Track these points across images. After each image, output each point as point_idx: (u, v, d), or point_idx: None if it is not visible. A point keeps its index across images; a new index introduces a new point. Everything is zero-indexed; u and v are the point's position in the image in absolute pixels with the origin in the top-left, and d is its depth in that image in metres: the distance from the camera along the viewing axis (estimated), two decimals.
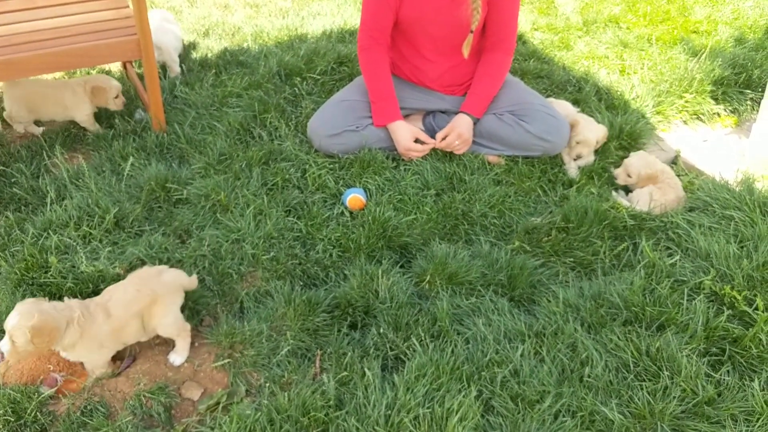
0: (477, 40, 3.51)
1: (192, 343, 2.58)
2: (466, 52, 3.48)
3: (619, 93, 4.13)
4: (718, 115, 4.08)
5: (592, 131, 3.49)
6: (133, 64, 4.20)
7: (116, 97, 3.71)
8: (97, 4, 3.72)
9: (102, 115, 3.79)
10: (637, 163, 3.36)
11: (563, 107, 3.71)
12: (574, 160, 3.50)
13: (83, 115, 3.66)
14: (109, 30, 3.51)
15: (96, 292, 2.69)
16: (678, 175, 3.44)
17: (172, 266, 2.80)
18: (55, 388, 2.39)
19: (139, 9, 3.27)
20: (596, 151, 3.56)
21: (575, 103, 3.92)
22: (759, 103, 3.79)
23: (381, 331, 2.57)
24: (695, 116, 4.06)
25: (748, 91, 4.16)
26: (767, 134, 3.72)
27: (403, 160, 3.49)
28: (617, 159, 3.55)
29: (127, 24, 3.54)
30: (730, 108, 4.12)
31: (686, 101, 4.04)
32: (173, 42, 4.22)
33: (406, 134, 3.46)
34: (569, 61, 4.58)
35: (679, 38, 4.83)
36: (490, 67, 3.53)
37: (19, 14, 3.59)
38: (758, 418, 2.21)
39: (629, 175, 3.37)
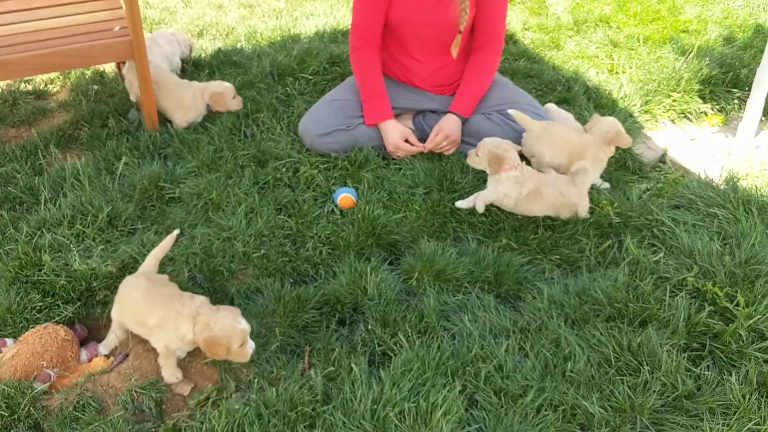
0: (465, 40, 3.56)
1: None
2: (454, 52, 3.53)
3: (607, 92, 4.17)
4: (706, 114, 4.13)
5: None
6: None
7: (233, 98, 3.79)
8: (91, 5, 3.76)
9: (96, 115, 3.84)
10: (487, 142, 3.21)
11: (559, 116, 3.71)
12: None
13: (189, 118, 3.77)
14: (102, 31, 3.56)
15: (89, 290, 2.75)
16: (666, 174, 3.50)
17: (163, 264, 2.86)
18: (49, 384, 2.44)
19: (131, 10, 3.31)
20: None
21: (564, 102, 3.96)
22: (746, 102, 3.84)
23: (369, 327, 2.61)
24: (683, 115, 4.11)
25: (735, 90, 4.20)
26: (753, 133, 3.77)
27: (393, 159, 3.54)
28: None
29: (120, 25, 3.58)
30: (717, 107, 4.16)
31: (674, 100, 4.08)
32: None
33: (396, 133, 3.51)
34: (559, 60, 4.62)
35: (668, 37, 4.88)
36: (478, 67, 3.58)
37: (13, 15, 3.63)
38: (735, 412, 2.26)
39: (477, 154, 3.26)
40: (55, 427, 2.28)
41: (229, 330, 2.33)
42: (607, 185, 3.40)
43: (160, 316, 2.40)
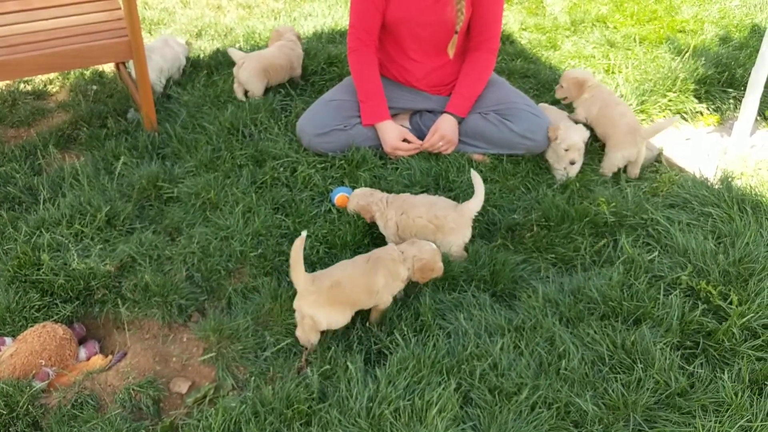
0: (462, 40, 3.58)
1: (180, 338, 2.66)
2: (451, 52, 3.55)
3: None
4: (701, 113, 4.14)
5: (578, 133, 3.44)
6: (126, 64, 4.26)
7: None
8: (90, 6, 3.78)
9: (95, 115, 3.86)
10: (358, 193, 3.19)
11: (554, 114, 3.74)
12: (571, 164, 3.43)
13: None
14: (101, 32, 3.58)
15: (87, 289, 2.77)
16: (662, 173, 3.53)
17: (161, 263, 2.89)
18: (47, 382, 2.46)
19: (129, 11, 3.34)
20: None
21: (560, 102, 3.98)
22: (741, 102, 3.85)
23: (366, 325, 2.63)
24: (678, 115, 4.12)
25: (731, 90, 4.22)
26: (748, 132, 3.79)
27: (390, 158, 3.56)
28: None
29: (119, 26, 3.61)
30: (713, 107, 4.18)
31: (670, 100, 4.10)
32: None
33: (393, 134, 3.53)
34: (556, 60, 4.64)
35: (665, 37, 4.90)
36: (474, 67, 3.60)
37: (12, 16, 3.65)
38: (727, 409, 2.28)
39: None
40: (53, 425, 2.30)
41: (432, 253, 2.69)
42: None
43: (384, 274, 2.61)
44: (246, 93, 4.03)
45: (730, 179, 3.34)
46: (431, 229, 2.95)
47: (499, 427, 2.23)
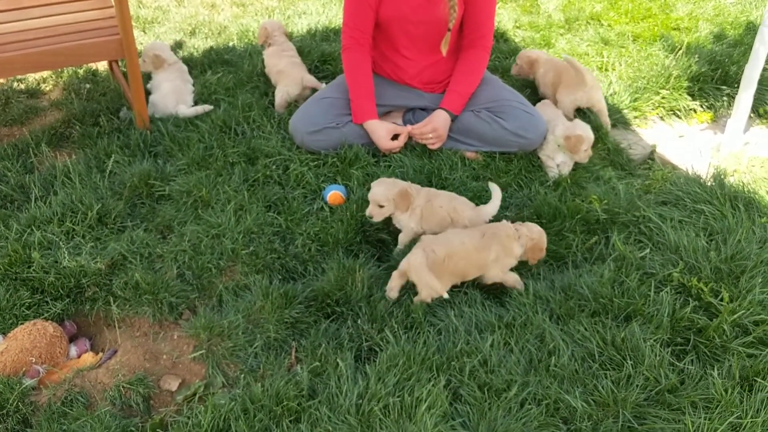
0: (455, 38, 3.58)
1: (171, 336, 2.65)
2: (444, 50, 3.55)
3: None
4: (695, 111, 4.15)
5: (585, 128, 3.46)
6: (119, 63, 4.25)
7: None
8: (82, 4, 3.78)
9: (87, 114, 3.86)
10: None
11: (551, 111, 3.75)
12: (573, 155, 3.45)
13: None
14: (93, 30, 3.57)
15: (78, 287, 2.76)
16: (655, 170, 3.53)
17: (152, 261, 2.89)
18: (37, 379, 2.46)
19: (121, 9, 3.33)
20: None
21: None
22: (734, 99, 3.85)
23: (357, 322, 2.63)
24: (672, 112, 4.13)
25: (725, 87, 4.22)
26: (741, 130, 3.80)
27: (382, 155, 3.55)
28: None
29: (110, 24, 3.60)
30: (706, 104, 4.18)
31: (663, 97, 4.10)
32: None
33: (382, 134, 3.52)
34: None
35: (659, 35, 4.90)
36: (467, 64, 3.59)
37: (3, 15, 3.64)
38: (717, 406, 2.28)
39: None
40: (43, 422, 2.30)
41: (540, 234, 2.82)
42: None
43: (497, 250, 2.74)
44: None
45: (722, 176, 3.34)
46: (448, 222, 2.98)
47: (489, 424, 2.23)
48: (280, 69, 4.02)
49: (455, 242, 2.72)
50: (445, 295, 2.66)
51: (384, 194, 2.95)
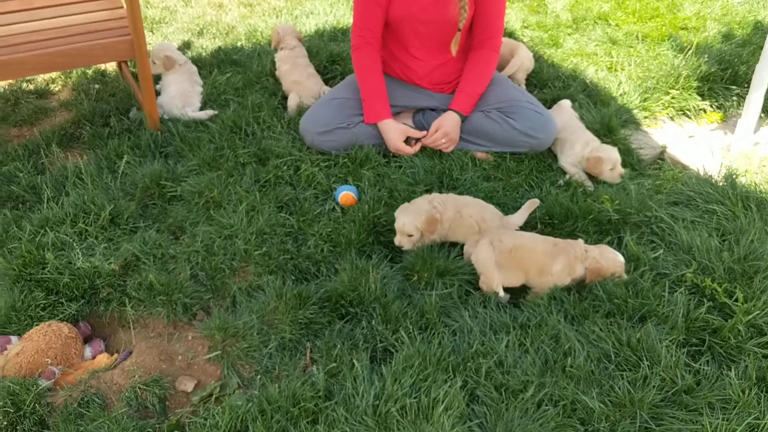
0: (465, 38, 3.58)
1: (186, 337, 2.65)
2: (454, 50, 3.55)
3: (606, 89, 4.19)
4: (704, 111, 4.14)
5: (614, 151, 3.42)
6: (128, 63, 4.25)
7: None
8: (92, 5, 3.78)
9: (97, 114, 3.86)
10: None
11: (566, 113, 3.76)
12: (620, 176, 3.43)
13: None
14: (103, 30, 3.58)
15: (92, 288, 2.76)
16: (665, 170, 3.53)
17: (165, 262, 2.89)
18: (53, 381, 2.46)
19: (132, 10, 3.33)
20: None
21: (561, 99, 3.97)
22: (744, 99, 3.85)
23: (371, 323, 2.63)
24: (681, 112, 4.12)
25: (734, 87, 4.22)
26: (751, 129, 3.79)
27: (393, 156, 3.56)
28: None
29: (121, 24, 3.60)
30: (716, 104, 4.18)
31: (672, 97, 4.10)
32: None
33: (395, 133, 3.53)
34: (558, 58, 4.64)
35: (667, 35, 4.89)
36: (477, 64, 3.59)
37: (15, 15, 3.65)
38: (734, 406, 2.27)
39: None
40: (60, 424, 2.30)
41: (613, 261, 2.74)
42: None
43: (563, 262, 2.73)
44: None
45: (734, 176, 3.34)
46: (476, 230, 2.97)
47: (506, 425, 2.23)
48: (296, 80, 4.02)
49: (526, 237, 2.80)
50: (501, 293, 2.68)
51: (412, 224, 2.92)
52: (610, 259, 2.75)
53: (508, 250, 2.72)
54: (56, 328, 2.57)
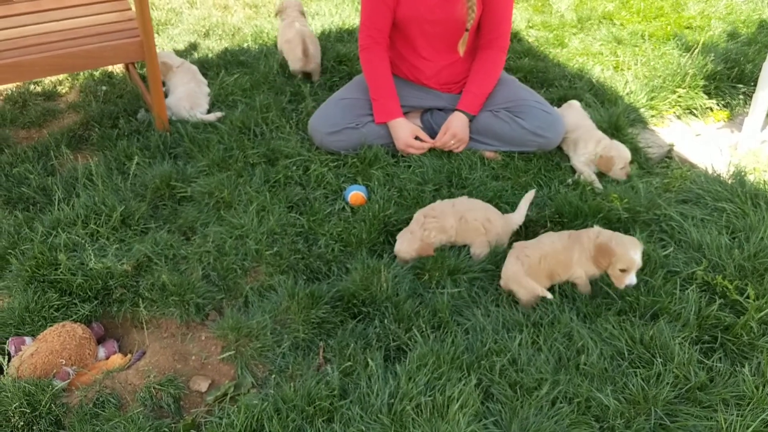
0: (472, 38, 3.59)
1: (199, 337, 2.66)
2: (461, 50, 3.56)
3: (612, 89, 4.20)
4: (711, 109, 4.15)
5: (626, 150, 3.46)
6: (136, 65, 4.26)
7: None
8: (101, 6, 3.79)
9: (105, 116, 3.87)
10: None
11: (576, 113, 3.77)
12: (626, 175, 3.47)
13: None
14: (112, 32, 3.59)
15: (105, 289, 2.77)
16: (673, 169, 3.54)
17: (177, 263, 2.89)
18: (68, 381, 2.47)
19: (141, 11, 3.34)
20: None
21: (568, 99, 3.97)
22: (751, 97, 3.86)
23: (383, 322, 2.63)
24: (688, 111, 4.13)
25: (741, 86, 4.23)
26: (758, 128, 3.80)
27: (402, 156, 3.56)
28: None
29: (130, 26, 3.61)
30: (722, 102, 4.19)
31: (679, 96, 4.10)
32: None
33: (406, 131, 3.54)
34: (564, 58, 4.65)
35: (672, 34, 4.90)
36: (485, 65, 3.60)
37: (25, 17, 3.66)
38: (749, 403, 2.28)
39: None
40: (75, 424, 2.30)
41: (621, 245, 2.65)
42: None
43: (578, 251, 2.72)
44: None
45: (742, 174, 3.34)
46: (482, 232, 2.97)
47: (521, 422, 2.23)
48: (288, 38, 4.26)
49: (546, 243, 2.78)
50: (549, 295, 2.67)
51: (407, 252, 2.93)
52: (623, 248, 2.67)
53: (537, 262, 2.71)
54: (70, 329, 2.58)
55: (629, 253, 2.63)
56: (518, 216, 3.04)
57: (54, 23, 3.62)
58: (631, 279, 2.64)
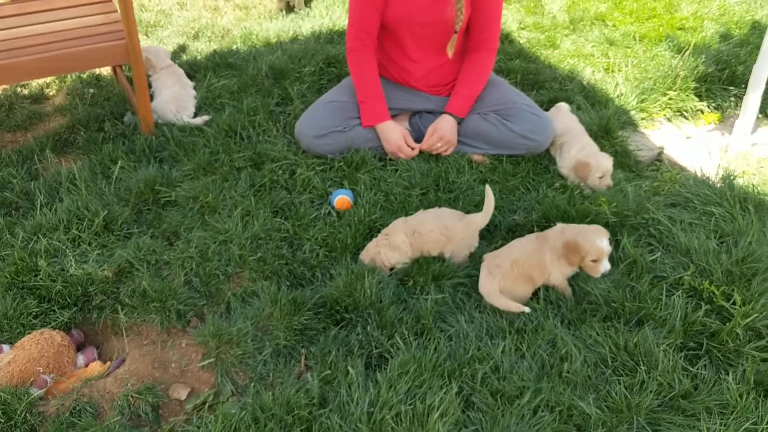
0: (461, 40, 3.56)
1: (179, 344, 2.63)
2: (450, 52, 3.53)
3: (603, 91, 4.17)
4: (702, 111, 4.12)
5: (608, 159, 3.39)
6: (123, 67, 4.23)
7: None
8: (87, 9, 3.76)
9: (92, 119, 3.84)
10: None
11: (564, 116, 3.73)
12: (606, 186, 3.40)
13: None
14: (98, 35, 3.56)
15: (85, 295, 2.74)
16: (663, 172, 3.51)
17: (159, 268, 2.87)
18: (45, 389, 2.44)
19: (126, 14, 3.31)
20: None
21: (559, 102, 3.94)
22: (742, 100, 3.83)
23: (366, 329, 2.61)
24: (679, 113, 4.10)
25: (732, 88, 4.20)
26: (749, 130, 3.77)
27: (390, 159, 3.54)
28: None
29: (116, 29, 3.59)
30: (713, 105, 4.16)
31: (670, 98, 4.08)
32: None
33: (395, 134, 3.51)
34: (555, 59, 4.62)
35: (664, 35, 4.87)
36: (473, 67, 3.57)
37: (10, 20, 3.63)
38: (732, 411, 2.25)
39: None
40: None
41: (587, 240, 2.65)
42: None
43: (549, 252, 2.71)
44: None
45: (732, 178, 3.31)
46: (444, 242, 2.92)
47: (502, 431, 2.21)
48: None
49: (516, 247, 2.77)
50: (526, 309, 2.63)
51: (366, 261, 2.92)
52: (589, 240, 2.69)
53: (510, 269, 2.68)
54: (48, 337, 2.55)
55: (596, 243, 2.65)
56: (483, 218, 2.96)
57: (39, 26, 3.59)
58: (605, 266, 2.68)
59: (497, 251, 2.79)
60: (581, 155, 3.39)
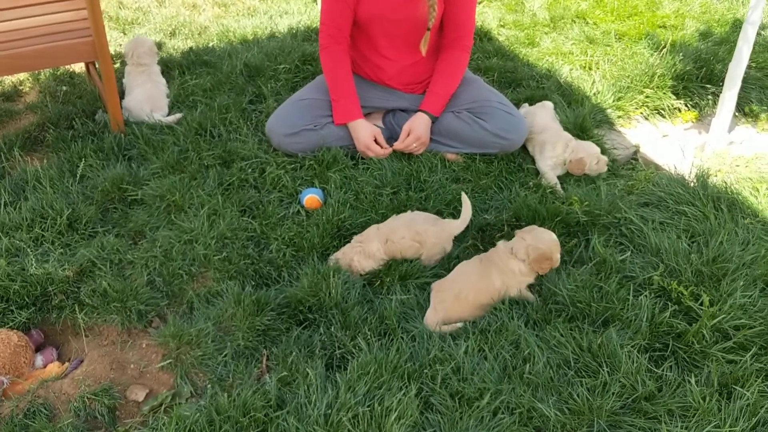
0: (434, 37, 3.52)
1: (140, 344, 2.59)
2: (423, 49, 3.49)
3: (580, 89, 4.14)
4: (679, 110, 4.09)
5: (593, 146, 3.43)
6: (95, 64, 4.19)
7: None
8: (55, 6, 3.71)
9: (62, 117, 3.79)
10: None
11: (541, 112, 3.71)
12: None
13: None
14: (66, 32, 3.51)
15: (44, 295, 2.70)
16: (638, 171, 3.48)
17: (122, 268, 2.83)
18: (0, 391, 2.40)
19: (93, 11, 3.27)
20: None
21: (535, 100, 3.91)
22: (719, 98, 3.80)
23: (330, 329, 2.57)
24: (656, 111, 4.07)
25: (709, 86, 4.16)
26: (725, 129, 3.74)
27: (362, 158, 3.50)
28: None
29: (84, 26, 3.54)
30: (691, 103, 4.13)
31: (647, 96, 4.04)
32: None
33: (366, 133, 3.47)
34: (533, 57, 4.59)
35: (645, 33, 4.84)
36: (447, 65, 3.54)
37: None
38: (694, 414, 2.22)
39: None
40: None
41: (549, 243, 2.66)
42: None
43: (497, 275, 2.67)
44: None
45: (705, 177, 3.29)
46: (417, 247, 2.88)
47: None
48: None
49: (460, 275, 2.70)
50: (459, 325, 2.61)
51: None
52: (545, 240, 2.68)
53: (453, 301, 2.62)
54: (5, 337, 2.50)
55: (556, 254, 2.70)
56: (458, 223, 2.92)
57: (6, 23, 3.54)
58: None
59: (442, 281, 2.71)
60: (572, 155, 3.39)
